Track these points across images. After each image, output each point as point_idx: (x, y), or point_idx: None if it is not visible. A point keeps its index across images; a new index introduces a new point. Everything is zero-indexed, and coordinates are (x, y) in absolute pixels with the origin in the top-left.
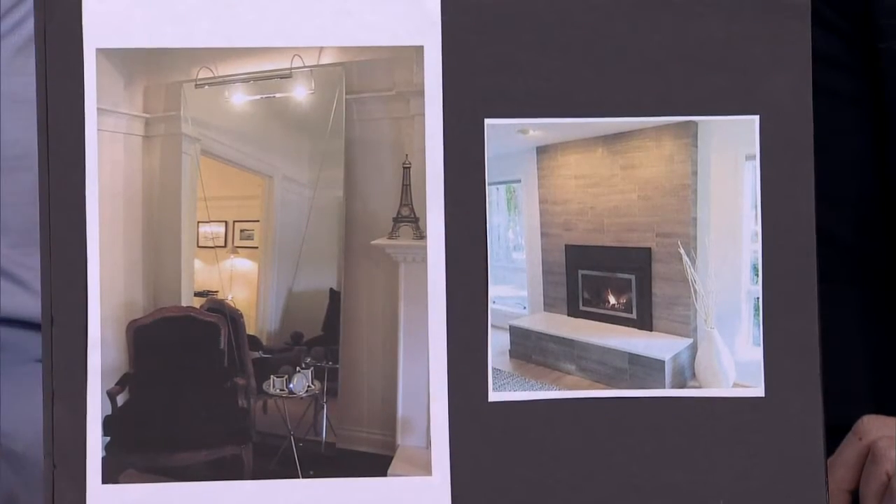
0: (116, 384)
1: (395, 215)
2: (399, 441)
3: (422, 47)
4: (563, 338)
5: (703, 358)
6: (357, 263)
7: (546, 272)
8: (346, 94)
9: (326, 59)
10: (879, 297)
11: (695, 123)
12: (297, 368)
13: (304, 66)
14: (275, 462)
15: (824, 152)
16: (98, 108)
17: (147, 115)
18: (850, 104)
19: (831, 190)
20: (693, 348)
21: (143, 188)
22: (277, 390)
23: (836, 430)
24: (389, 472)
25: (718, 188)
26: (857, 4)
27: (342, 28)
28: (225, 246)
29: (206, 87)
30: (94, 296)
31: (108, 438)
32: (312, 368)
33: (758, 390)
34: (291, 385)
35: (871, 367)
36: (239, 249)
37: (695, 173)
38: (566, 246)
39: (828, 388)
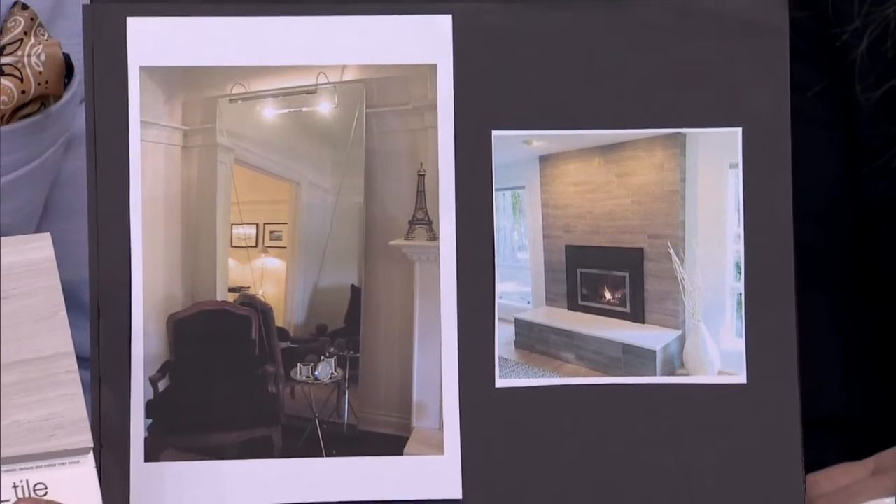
0: (158, 371)
1: (410, 218)
2: (414, 423)
3: (435, 65)
4: (564, 330)
5: (691, 348)
6: (376, 262)
7: (548, 270)
8: (367, 108)
9: (348, 77)
10: (848, 301)
11: (683, 135)
12: (322, 357)
13: (328, 83)
14: (301, 442)
15: (799, 170)
16: (141, 121)
17: (185, 128)
18: (823, 127)
19: (805, 203)
20: (681, 339)
21: (182, 194)
22: (304, 377)
23: (808, 423)
24: (405, 451)
25: (704, 194)
26: (827, 35)
27: (363, 48)
28: (256, 246)
29: (240, 101)
30: (138, 291)
31: (150, 421)
32: (335, 357)
33: (740, 377)
34: (316, 372)
35: (840, 364)
36: (269, 249)
37: (683, 180)
38: (566, 246)
39: (802, 382)
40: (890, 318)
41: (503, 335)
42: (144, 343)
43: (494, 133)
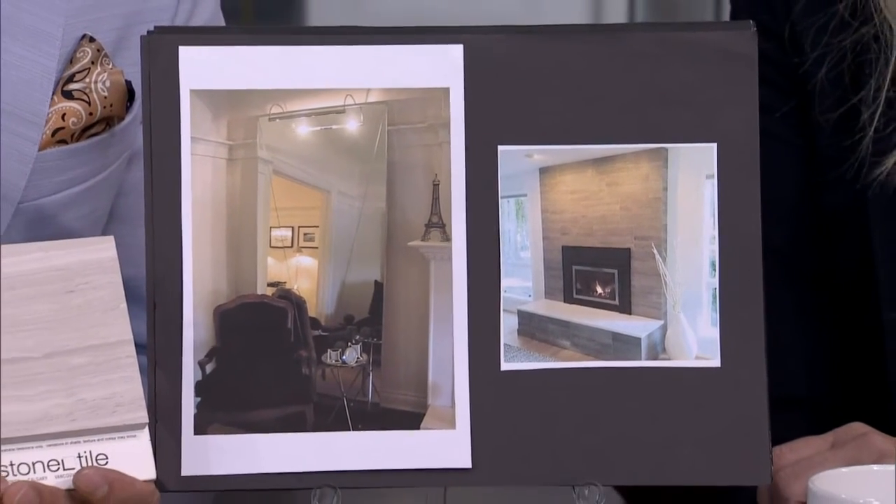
0: (205, 356)
1: (426, 222)
2: (429, 401)
3: (448, 89)
4: (561, 320)
5: (672, 336)
6: (396, 260)
7: (547, 268)
8: (388, 125)
9: (372, 98)
10: (809, 295)
11: (665, 149)
12: (349, 344)
13: (355, 104)
14: (331, 418)
15: (767, 180)
16: (191, 137)
17: (230, 143)
18: (788, 144)
19: (771, 209)
20: (664, 328)
21: (227, 201)
22: (333, 361)
23: (775, 402)
24: (422, 426)
25: (684, 201)
26: (791, 64)
27: (385, 73)
28: (292, 246)
29: (277, 120)
30: (188, 286)
31: (199, 399)
32: (361, 344)
33: (715, 362)
34: (344, 357)
35: (803, 350)
36: (303, 249)
37: (665, 189)
38: (563, 247)
39: (769, 366)
40: (846, 310)
41: (507, 324)
42: (194, 331)
43: (500, 148)
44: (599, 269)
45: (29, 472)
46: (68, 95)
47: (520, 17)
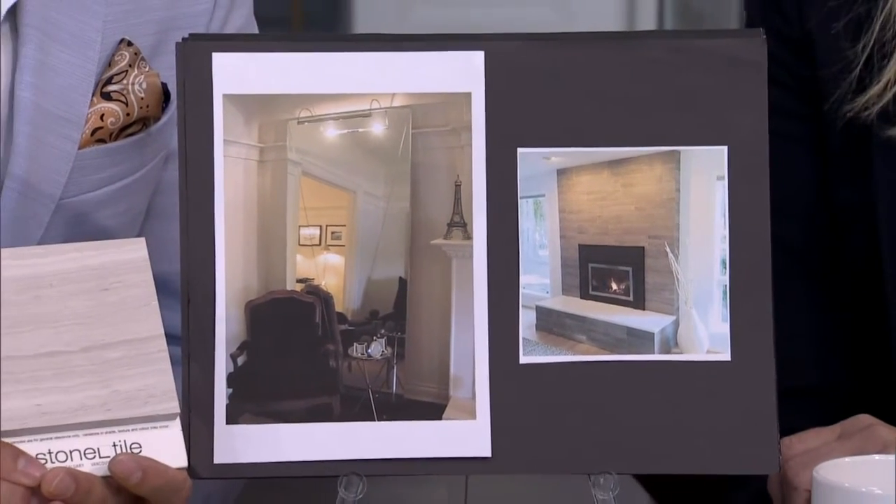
0: (237, 349)
1: (448, 221)
2: (451, 393)
3: (469, 94)
4: (577, 315)
5: (684, 331)
6: (420, 258)
7: (564, 265)
8: (412, 129)
9: (397, 103)
10: (820, 288)
11: (678, 152)
12: (374, 337)
13: (380, 108)
14: (357, 408)
15: (780, 178)
16: (224, 140)
17: (261, 145)
18: (799, 142)
19: (786, 206)
20: (676, 323)
21: (258, 201)
22: (359, 354)
23: (784, 393)
24: (444, 416)
25: (696, 201)
26: (804, 68)
27: (409, 79)
28: (320, 244)
29: (306, 123)
30: (221, 282)
31: (231, 390)
32: (385, 338)
33: (725, 356)
34: (369, 350)
35: (813, 343)
36: (330, 247)
37: (678, 190)
38: (579, 245)
39: (779, 359)
40: (856, 304)
41: (526, 320)
42: (226, 326)
43: (520, 150)
44: (614, 267)
45: (66, 459)
46: (107, 97)
47: (555, 27)
